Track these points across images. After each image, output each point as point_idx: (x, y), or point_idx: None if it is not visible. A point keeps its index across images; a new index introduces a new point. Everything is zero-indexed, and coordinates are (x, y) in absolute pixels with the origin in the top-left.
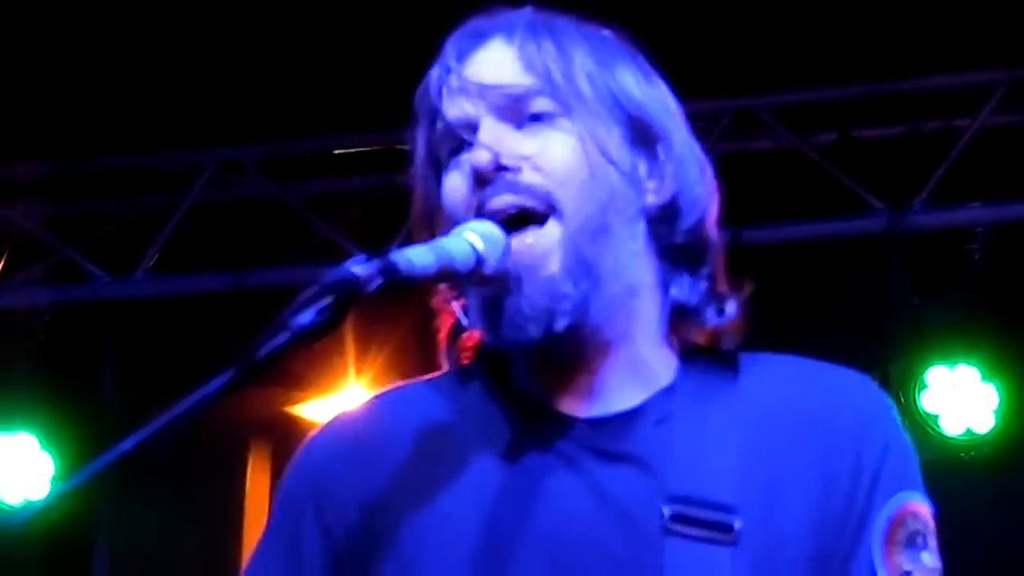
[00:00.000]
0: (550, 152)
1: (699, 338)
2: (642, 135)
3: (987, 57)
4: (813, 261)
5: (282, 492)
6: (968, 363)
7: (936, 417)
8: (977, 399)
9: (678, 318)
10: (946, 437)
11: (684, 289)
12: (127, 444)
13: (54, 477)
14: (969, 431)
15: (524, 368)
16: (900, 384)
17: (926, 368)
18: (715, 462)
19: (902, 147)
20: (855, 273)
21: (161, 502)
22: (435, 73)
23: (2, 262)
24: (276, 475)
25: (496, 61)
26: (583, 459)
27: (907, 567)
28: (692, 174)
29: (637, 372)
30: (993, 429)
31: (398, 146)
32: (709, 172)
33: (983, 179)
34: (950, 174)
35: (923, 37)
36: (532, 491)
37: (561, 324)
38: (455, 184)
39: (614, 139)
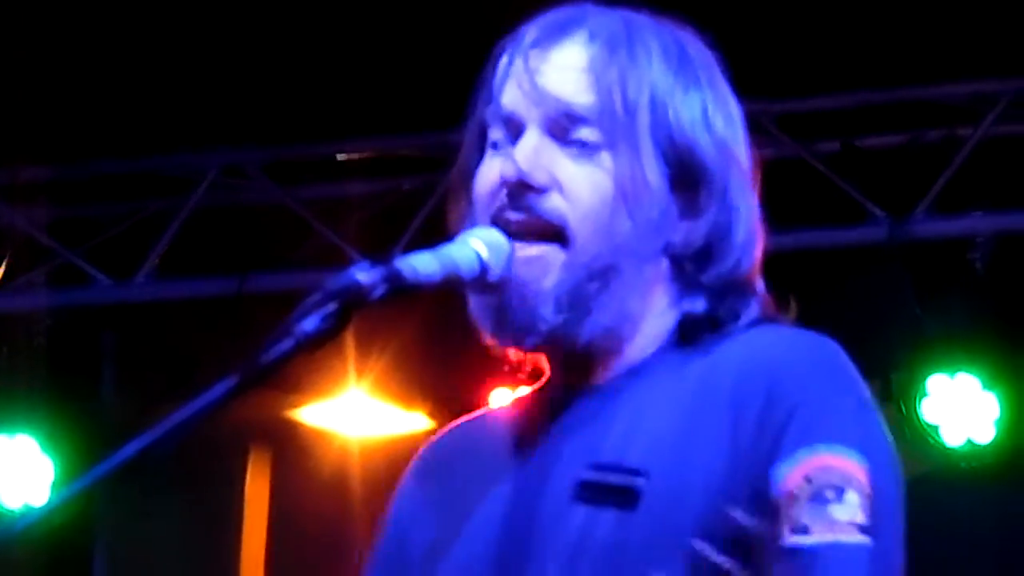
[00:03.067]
0: (579, 186)
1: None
2: (687, 177)
3: (990, 67)
4: (814, 269)
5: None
6: (969, 372)
7: (937, 428)
8: (978, 409)
9: (687, 325)
10: (947, 448)
11: (697, 304)
12: (129, 450)
13: (55, 481)
14: (970, 441)
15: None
16: (901, 394)
17: (927, 377)
18: (640, 429)
19: (904, 156)
20: (856, 282)
21: (160, 506)
22: (507, 52)
23: (3, 266)
24: (275, 479)
25: (567, 67)
26: (554, 436)
27: (805, 520)
28: (737, 224)
29: (626, 360)
30: (994, 439)
31: (402, 152)
32: (757, 223)
33: (985, 188)
34: (952, 183)
35: (926, 46)
36: (525, 476)
37: (531, 342)
38: (489, 172)
39: (653, 180)
